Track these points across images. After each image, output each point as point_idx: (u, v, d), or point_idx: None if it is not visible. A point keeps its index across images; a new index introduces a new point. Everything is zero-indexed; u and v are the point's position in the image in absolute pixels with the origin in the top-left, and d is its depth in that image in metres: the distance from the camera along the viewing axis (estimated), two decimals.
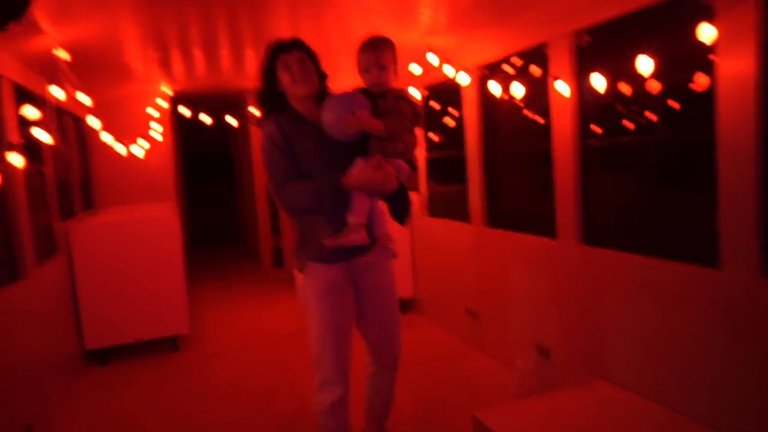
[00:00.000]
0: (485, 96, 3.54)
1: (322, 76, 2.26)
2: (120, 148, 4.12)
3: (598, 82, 2.51)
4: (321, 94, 2.23)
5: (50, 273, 3.64)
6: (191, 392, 3.61)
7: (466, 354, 3.93)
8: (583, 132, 2.80)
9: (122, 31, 3.31)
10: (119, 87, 5.38)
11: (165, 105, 5.84)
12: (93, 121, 3.18)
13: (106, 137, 3.63)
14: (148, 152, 5.21)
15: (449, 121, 4.36)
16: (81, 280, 4.07)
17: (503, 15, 3.13)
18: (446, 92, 4.17)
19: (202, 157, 13.40)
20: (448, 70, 3.38)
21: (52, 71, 2.83)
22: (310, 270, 2.22)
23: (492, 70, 3.56)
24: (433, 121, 4.65)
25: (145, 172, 5.66)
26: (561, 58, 2.82)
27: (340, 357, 2.23)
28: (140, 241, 4.22)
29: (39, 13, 2.55)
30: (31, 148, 3.64)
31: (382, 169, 2.10)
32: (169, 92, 5.90)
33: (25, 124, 2.76)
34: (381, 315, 2.41)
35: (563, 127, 2.87)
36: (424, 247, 4.81)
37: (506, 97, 3.07)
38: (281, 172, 2.17)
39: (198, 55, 4.27)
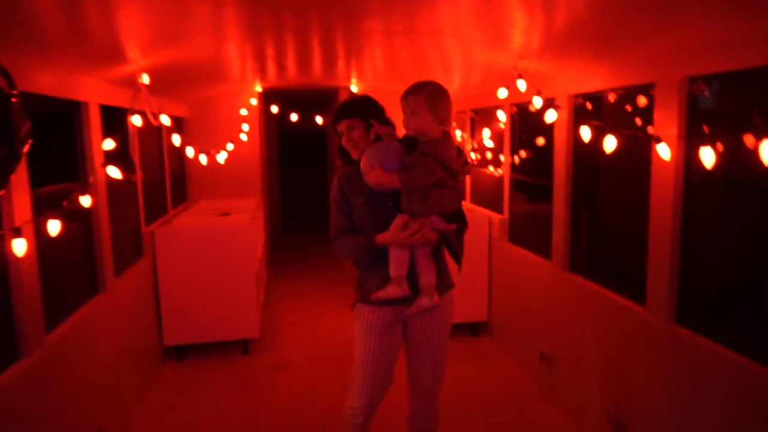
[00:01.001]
0: (577, 127, 3.17)
1: (386, 122, 2.36)
2: (202, 159, 4.23)
3: (710, 146, 2.11)
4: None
5: (135, 275, 3.84)
6: (254, 404, 3.69)
7: (534, 400, 3.67)
8: (687, 198, 2.40)
9: (224, 50, 3.39)
10: (212, 89, 5.54)
11: (255, 102, 5.95)
12: (176, 139, 3.27)
13: (189, 151, 3.73)
14: (237, 147, 5.37)
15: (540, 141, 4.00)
16: (163, 279, 4.27)
17: (607, 46, 2.74)
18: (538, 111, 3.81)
19: (296, 138, 13.34)
20: (537, 101, 3.06)
21: (135, 96, 2.89)
22: (360, 310, 2.42)
23: (587, 101, 3.18)
24: (522, 139, 4.31)
25: (234, 168, 5.80)
26: (668, 103, 2.42)
27: (372, 393, 2.42)
28: (217, 247, 4.34)
29: (128, 45, 2.61)
30: (123, 158, 3.85)
31: (409, 229, 2.19)
32: (259, 89, 5.99)
33: (117, 140, 2.85)
34: (421, 363, 2.47)
35: (663, 191, 2.48)
36: (502, 272, 4.54)
37: (594, 137, 2.71)
38: (336, 226, 2.42)
39: (291, 61, 4.29)
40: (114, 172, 2.64)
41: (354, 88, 6.29)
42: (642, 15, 2.15)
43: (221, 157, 4.67)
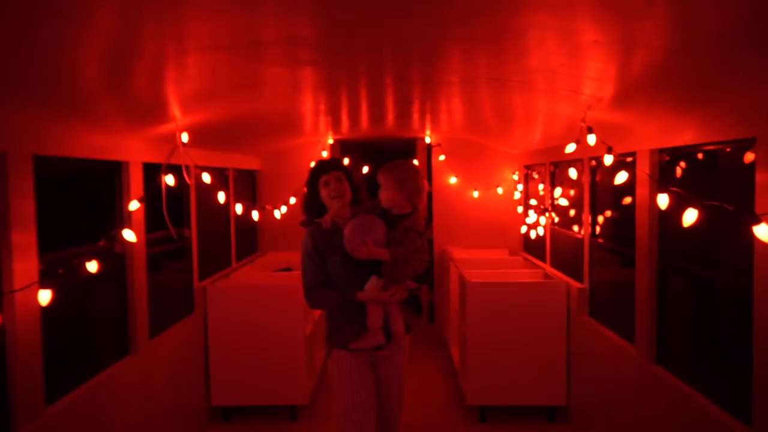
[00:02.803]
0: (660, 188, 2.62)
1: (356, 189, 2.69)
2: (254, 216, 4.15)
3: None
4: (357, 202, 2.68)
5: (182, 331, 3.76)
6: None
7: None
8: None
9: (300, 104, 3.39)
10: (285, 141, 5.57)
11: (326, 155, 5.88)
12: (221, 196, 3.20)
13: (238, 208, 3.69)
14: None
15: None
16: (213, 337, 4.16)
17: (693, 95, 2.24)
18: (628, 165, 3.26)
19: (369, 189, 13.48)
20: (608, 159, 2.58)
21: (171, 152, 2.84)
22: (336, 356, 2.63)
23: (673, 156, 2.64)
24: (605, 198, 3.76)
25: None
26: None
27: (370, 419, 2.62)
28: (269, 304, 4.17)
29: (173, 104, 2.61)
30: (177, 212, 3.86)
31: (388, 290, 2.50)
32: (331, 141, 5.93)
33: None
34: (391, 392, 2.75)
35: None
36: (582, 351, 3.90)
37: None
38: (311, 279, 2.63)
39: (364, 114, 4.22)
40: (130, 235, 2.54)
41: (428, 139, 6.04)
42: (735, 62, 1.68)
43: (278, 213, 4.57)
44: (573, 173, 3.44)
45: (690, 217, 1.90)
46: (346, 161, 4.75)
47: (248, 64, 2.17)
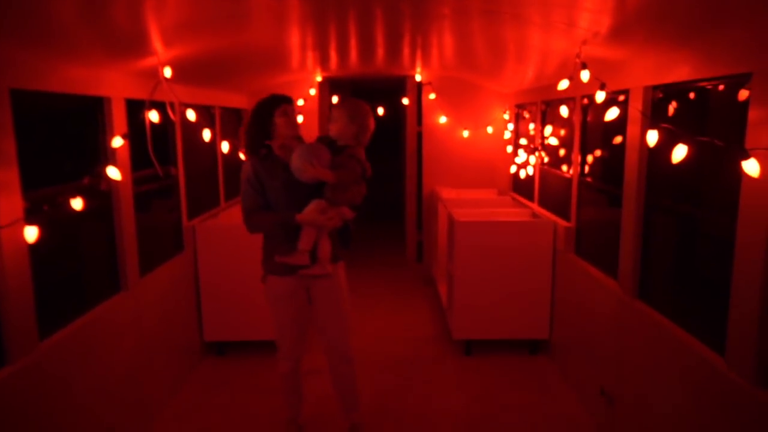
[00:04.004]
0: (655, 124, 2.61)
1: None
2: (241, 155, 4.07)
3: None
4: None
5: (172, 270, 3.79)
6: (281, 407, 3.51)
7: None
8: None
9: (284, 38, 3.28)
10: (271, 78, 5.41)
11: (313, 93, 5.75)
12: (206, 134, 3.14)
13: (224, 146, 3.60)
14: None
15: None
16: (203, 275, 4.19)
17: (690, 28, 2.18)
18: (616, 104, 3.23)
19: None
20: (599, 96, 2.54)
21: (153, 88, 2.75)
22: (270, 281, 2.91)
23: (666, 93, 2.61)
24: (596, 137, 3.74)
25: None
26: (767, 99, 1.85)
27: (292, 343, 3.01)
28: (256, 245, 4.16)
29: (155, 36, 2.50)
30: (163, 151, 3.78)
31: (327, 213, 2.71)
32: (319, 78, 5.78)
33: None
34: (328, 317, 2.99)
35: (753, 218, 1.92)
36: (565, 288, 4.00)
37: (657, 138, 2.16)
38: (251, 203, 2.82)
39: (353, 49, 4.10)
40: (114, 173, 2.50)
41: (419, 77, 5.91)
42: None
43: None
44: (564, 111, 3.40)
45: (679, 153, 1.90)
46: (335, 99, 4.65)
47: None
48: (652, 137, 2.12)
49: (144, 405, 3.31)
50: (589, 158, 3.84)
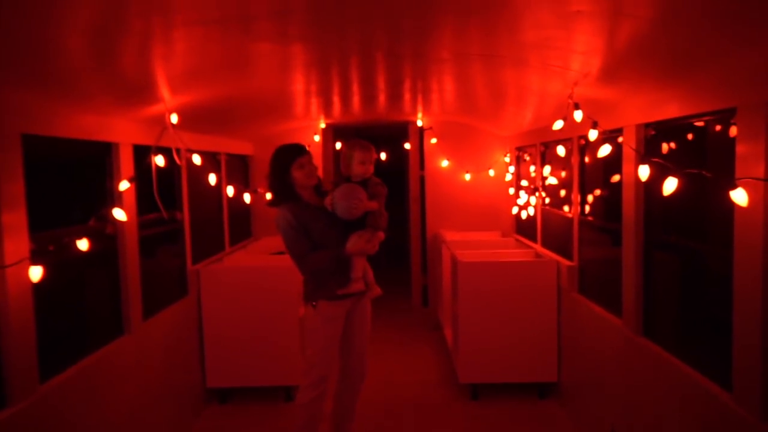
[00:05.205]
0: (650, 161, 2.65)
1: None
2: (246, 198, 4.17)
3: None
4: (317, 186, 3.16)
5: (175, 314, 3.78)
6: None
7: None
8: None
9: (291, 85, 3.40)
10: (276, 126, 5.56)
11: (318, 139, 5.88)
12: (212, 178, 3.23)
13: (229, 190, 3.69)
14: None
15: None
16: (207, 319, 4.18)
17: (675, 66, 2.26)
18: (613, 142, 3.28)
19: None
20: (592, 134, 2.60)
21: (160, 134, 2.85)
22: (321, 307, 3.05)
23: (658, 131, 2.67)
24: (595, 177, 3.78)
25: None
26: (753, 132, 1.89)
27: (331, 359, 3.12)
28: (262, 287, 4.20)
29: (162, 86, 2.62)
30: (169, 196, 3.86)
31: (371, 241, 3.01)
32: (323, 125, 5.92)
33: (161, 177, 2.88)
34: (360, 339, 3.25)
35: (748, 247, 1.93)
36: (571, 328, 3.96)
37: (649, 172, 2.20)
38: (301, 247, 2.99)
39: (356, 95, 4.21)
40: (120, 214, 2.55)
41: (420, 122, 6.04)
42: (718, 30, 1.70)
43: (269, 196, 4.57)
44: (561, 151, 3.46)
45: (670, 185, 1.93)
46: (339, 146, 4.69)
47: (236, 39, 2.17)
48: (644, 172, 2.16)
49: None
50: (590, 198, 3.88)
